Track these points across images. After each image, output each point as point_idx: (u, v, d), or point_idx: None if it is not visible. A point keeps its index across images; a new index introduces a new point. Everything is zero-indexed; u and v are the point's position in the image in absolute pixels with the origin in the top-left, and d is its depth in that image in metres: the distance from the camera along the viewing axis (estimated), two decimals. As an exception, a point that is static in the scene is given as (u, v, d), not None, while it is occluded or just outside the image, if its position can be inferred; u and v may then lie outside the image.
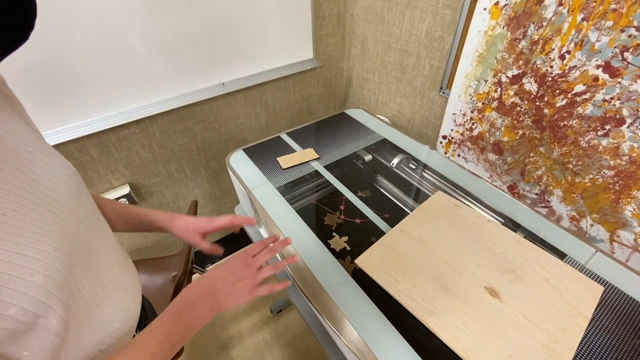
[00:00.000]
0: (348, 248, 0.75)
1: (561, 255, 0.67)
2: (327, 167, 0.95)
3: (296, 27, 1.22)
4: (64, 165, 0.42)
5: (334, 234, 0.79)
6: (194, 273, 1.18)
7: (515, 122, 0.91)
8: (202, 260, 1.63)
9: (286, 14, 1.16)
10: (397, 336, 0.55)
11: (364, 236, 0.77)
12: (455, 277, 0.61)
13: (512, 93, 0.88)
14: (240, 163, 0.95)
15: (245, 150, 1.00)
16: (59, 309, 0.34)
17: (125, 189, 1.14)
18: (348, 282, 0.65)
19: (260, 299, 1.55)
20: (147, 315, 0.60)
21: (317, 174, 0.93)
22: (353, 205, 0.85)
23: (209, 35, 1.03)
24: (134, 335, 0.50)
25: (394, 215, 0.82)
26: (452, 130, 1.10)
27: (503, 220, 0.79)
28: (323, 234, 0.77)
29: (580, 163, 0.80)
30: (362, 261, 0.66)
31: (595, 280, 0.61)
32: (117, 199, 1.14)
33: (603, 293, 0.59)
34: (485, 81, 0.93)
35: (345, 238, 0.77)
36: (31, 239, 0.32)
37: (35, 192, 0.35)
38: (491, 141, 0.99)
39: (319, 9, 1.23)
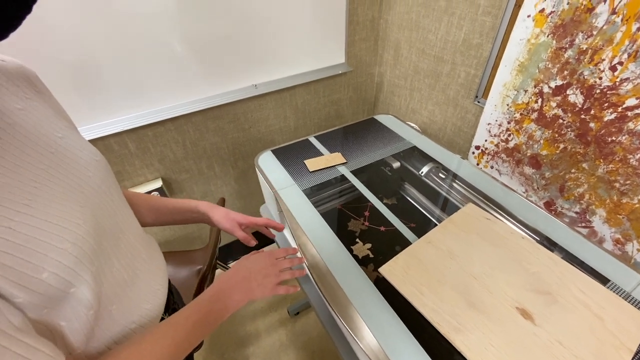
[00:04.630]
0: (371, 255, 0.74)
1: (603, 280, 0.62)
2: (353, 172, 0.94)
3: (329, 32, 1.22)
4: (92, 151, 0.45)
5: (357, 240, 0.78)
6: (217, 268, 1.20)
7: (557, 135, 0.86)
8: (224, 256, 1.67)
9: (320, 18, 1.17)
10: (417, 348, 0.53)
11: (388, 245, 0.75)
12: (485, 295, 0.58)
13: (554, 104, 0.84)
14: (268, 164, 0.96)
15: (273, 151, 1.02)
16: (90, 280, 0.36)
17: (158, 183, 1.19)
18: (370, 289, 0.63)
19: (279, 299, 1.56)
20: (174, 300, 0.63)
21: (343, 178, 0.93)
22: (378, 212, 0.84)
23: (244, 38, 1.06)
24: (162, 319, 0.52)
25: (421, 225, 0.80)
26: (486, 140, 1.05)
27: (538, 238, 0.75)
28: (346, 239, 0.76)
29: (628, 182, 0.75)
30: (387, 270, 0.65)
31: (642, 311, 0.56)
32: (150, 192, 1.19)
33: (651, 325, 0.54)
34: (525, 91, 0.89)
35: (368, 245, 0.76)
36: (60, 211, 0.35)
37: (65, 172, 0.39)
38: (528, 154, 0.95)
39: (353, 14, 1.24)
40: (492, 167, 1.07)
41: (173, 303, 0.61)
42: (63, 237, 0.34)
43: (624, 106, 0.71)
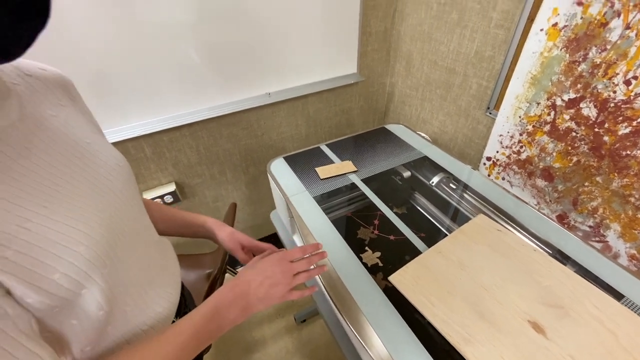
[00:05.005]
0: (380, 264, 0.74)
1: (617, 295, 0.61)
2: (364, 181, 0.95)
3: (342, 43, 1.25)
4: (117, 157, 0.47)
5: (366, 248, 0.79)
6: (226, 272, 1.21)
7: (570, 148, 0.86)
8: (234, 260, 1.68)
9: (333, 29, 1.19)
10: (427, 358, 0.53)
11: (397, 253, 0.75)
12: (495, 307, 0.58)
13: (567, 117, 0.84)
14: (280, 170, 0.98)
15: (285, 158, 1.03)
16: (101, 282, 0.37)
17: (172, 187, 1.22)
18: (380, 298, 0.64)
19: (286, 305, 1.56)
20: (186, 303, 0.64)
21: (353, 186, 0.94)
22: (388, 221, 0.85)
23: (258, 48, 1.09)
24: (173, 321, 0.53)
25: (430, 235, 0.80)
26: (497, 152, 1.05)
27: (550, 252, 0.74)
28: (355, 247, 0.77)
29: (644, 197, 0.74)
30: (396, 279, 0.65)
31: (659, 328, 0.55)
32: (163, 195, 1.21)
33: (668, 343, 0.53)
34: (538, 104, 0.89)
35: (378, 254, 0.77)
36: (78, 214, 0.36)
37: (87, 177, 0.40)
38: (541, 166, 0.94)
39: (366, 26, 1.26)
40: (503, 179, 1.07)
41: (185, 307, 0.62)
42: (77, 240, 0.35)
43: (638, 120, 0.70)
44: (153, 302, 0.49)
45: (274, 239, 1.73)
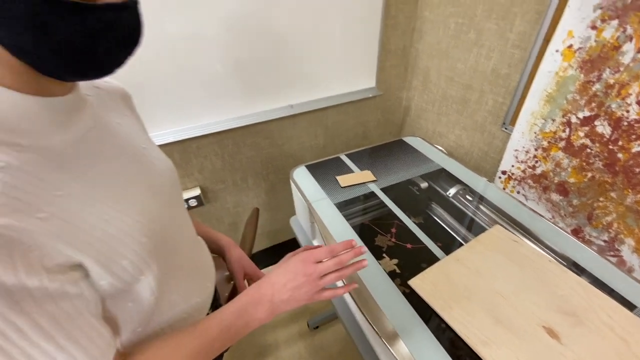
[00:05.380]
0: (397, 271, 0.77)
1: (630, 306, 0.63)
2: (383, 190, 0.99)
3: (362, 58, 1.31)
4: (166, 161, 0.53)
5: (384, 255, 0.82)
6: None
7: (584, 164, 0.88)
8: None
9: (354, 46, 1.26)
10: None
11: (414, 261, 0.78)
12: (512, 312, 0.61)
13: (582, 134, 0.87)
14: (302, 178, 1.03)
15: (307, 166, 1.09)
16: (156, 270, 0.43)
17: (197, 191, 1.28)
18: (401, 301, 0.67)
19: (299, 311, 1.59)
20: (216, 297, 0.69)
21: (372, 195, 0.98)
22: (405, 229, 0.88)
23: (283, 62, 1.16)
24: (208, 313, 0.58)
25: (447, 244, 0.84)
26: (512, 166, 1.08)
27: (565, 264, 0.76)
28: (373, 254, 0.81)
29: (658, 213, 0.76)
30: (416, 283, 0.69)
31: (672, 340, 0.57)
32: (188, 199, 1.28)
33: (680, 353, 0.55)
34: (553, 120, 0.93)
35: (395, 261, 0.80)
36: (141, 209, 0.42)
37: (145, 178, 0.46)
38: (555, 181, 0.97)
39: (386, 43, 1.32)
40: (518, 192, 1.10)
41: (215, 300, 0.67)
42: (142, 232, 0.41)
43: (652, 139, 0.73)
44: (193, 293, 0.55)
45: (291, 245, 1.77)
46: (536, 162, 1.01)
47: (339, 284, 0.63)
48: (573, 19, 0.81)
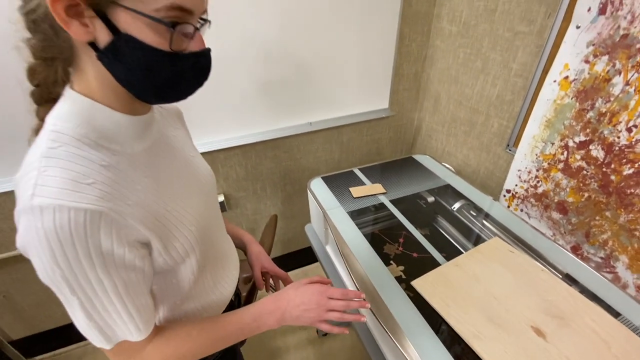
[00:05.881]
0: (403, 277, 0.85)
1: (615, 314, 0.69)
2: (392, 202, 1.08)
3: (377, 82, 1.43)
4: (208, 168, 0.64)
5: (391, 262, 0.90)
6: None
7: (581, 185, 0.95)
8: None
9: (370, 70, 1.38)
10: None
11: (419, 269, 0.85)
12: (503, 312, 0.68)
13: (578, 157, 0.94)
14: (318, 188, 1.13)
15: (323, 178, 1.19)
16: (198, 255, 0.53)
17: (221, 198, 1.40)
18: (405, 301, 0.74)
19: (309, 318, 1.65)
20: (237, 292, 0.78)
21: (382, 206, 1.07)
22: (412, 239, 0.96)
23: (304, 84, 1.29)
24: (230, 301, 0.68)
25: (451, 255, 0.90)
26: (516, 185, 1.15)
27: (560, 276, 0.82)
28: (382, 260, 0.88)
29: (648, 231, 0.81)
30: (418, 284, 0.76)
31: (653, 346, 0.62)
32: (213, 205, 1.39)
33: (657, 355, 0.60)
34: (552, 144, 1.00)
35: (401, 267, 0.88)
36: (190, 204, 0.52)
37: (193, 180, 0.57)
38: (556, 200, 1.03)
39: (399, 68, 1.44)
40: (521, 210, 1.16)
41: (237, 296, 0.77)
42: (191, 222, 0.51)
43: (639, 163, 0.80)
44: (222, 279, 0.65)
45: (303, 254, 1.86)
46: (538, 182, 1.08)
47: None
48: (568, 54, 0.90)
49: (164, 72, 0.40)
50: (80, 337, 1.61)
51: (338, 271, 1.04)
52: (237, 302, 0.80)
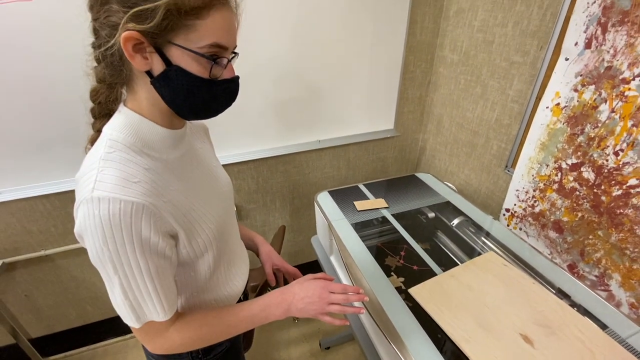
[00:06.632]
0: (403, 287, 0.90)
1: (603, 326, 0.72)
2: (394, 216, 1.14)
3: (383, 104, 1.52)
4: (227, 177, 0.72)
5: (392, 273, 0.95)
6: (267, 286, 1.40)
7: (575, 205, 1.00)
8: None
9: (376, 93, 1.47)
10: None
11: (419, 281, 0.89)
12: (494, 320, 0.72)
13: (571, 178, 0.99)
14: (325, 201, 1.20)
15: (329, 192, 1.26)
16: (215, 250, 0.61)
17: (234, 208, 1.48)
18: (404, 309, 0.79)
19: (312, 331, 1.68)
20: (245, 292, 0.85)
21: (384, 220, 1.13)
22: (413, 252, 1.01)
23: (314, 104, 1.39)
24: (239, 300, 0.74)
25: (449, 269, 0.95)
26: (514, 204, 1.20)
27: (553, 290, 0.86)
28: (383, 271, 0.93)
29: (637, 250, 0.85)
30: (415, 291, 0.81)
31: (634, 355, 0.65)
32: (225, 215, 1.47)
33: (639, 365, 0.63)
34: (547, 165, 1.06)
35: (401, 279, 0.93)
36: (212, 207, 0.60)
37: (215, 187, 0.65)
38: (552, 219, 1.08)
39: (404, 92, 1.53)
40: (520, 229, 1.20)
41: (244, 292, 0.83)
42: (211, 221, 0.59)
43: (627, 185, 0.85)
44: (234, 277, 0.71)
45: (309, 268, 1.90)
46: (535, 201, 1.13)
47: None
48: (559, 83, 0.98)
49: (202, 95, 0.49)
50: (91, 340, 1.66)
51: (342, 280, 1.09)
52: None
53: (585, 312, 0.77)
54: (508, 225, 1.24)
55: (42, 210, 1.22)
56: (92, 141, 0.52)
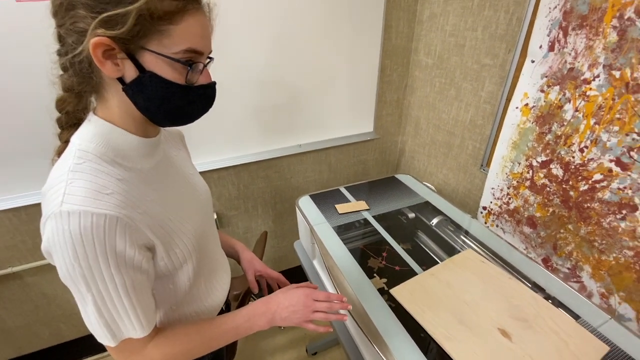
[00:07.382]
0: (385, 288, 0.90)
1: (575, 317, 0.75)
2: (375, 218, 1.15)
3: (362, 107, 1.54)
4: (204, 185, 0.71)
5: (374, 274, 0.96)
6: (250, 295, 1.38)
7: (546, 201, 1.04)
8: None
9: (355, 97, 1.49)
10: None
11: (401, 281, 0.90)
12: (473, 316, 0.73)
13: (542, 175, 1.03)
14: (306, 205, 1.20)
15: (311, 196, 1.26)
16: (195, 261, 0.59)
17: (214, 216, 1.45)
18: (386, 310, 0.80)
19: (299, 337, 1.66)
20: (227, 302, 0.83)
21: (366, 222, 1.14)
22: (394, 253, 1.02)
23: (294, 108, 1.39)
24: (221, 310, 0.72)
25: (430, 267, 0.96)
26: (491, 202, 1.24)
27: (529, 285, 0.89)
28: (365, 273, 0.94)
29: (604, 242, 0.89)
30: (396, 291, 0.82)
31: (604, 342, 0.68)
32: (205, 223, 1.44)
33: (608, 352, 0.66)
34: (519, 163, 1.10)
35: (384, 280, 0.93)
36: (189, 216, 0.59)
37: (192, 196, 0.63)
38: (525, 215, 1.12)
39: (382, 95, 1.56)
40: (497, 226, 1.24)
41: (226, 302, 0.82)
42: (190, 232, 0.58)
43: (592, 179, 0.89)
44: (215, 287, 0.70)
45: (292, 273, 1.88)
46: (509, 198, 1.16)
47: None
48: (527, 84, 1.02)
49: (177, 101, 0.48)
50: (65, 357, 1.57)
51: (324, 284, 1.09)
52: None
53: (559, 304, 0.80)
54: (486, 223, 1.27)
55: (7, 225, 1.15)
56: (59, 152, 0.50)
